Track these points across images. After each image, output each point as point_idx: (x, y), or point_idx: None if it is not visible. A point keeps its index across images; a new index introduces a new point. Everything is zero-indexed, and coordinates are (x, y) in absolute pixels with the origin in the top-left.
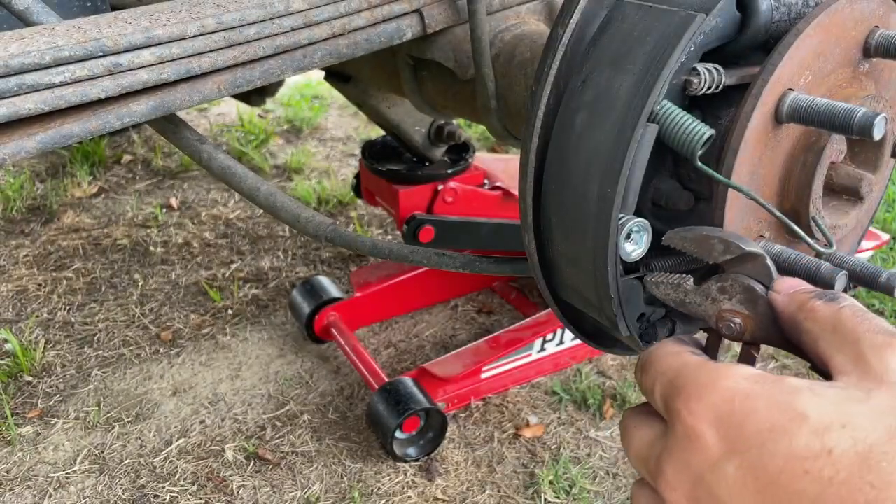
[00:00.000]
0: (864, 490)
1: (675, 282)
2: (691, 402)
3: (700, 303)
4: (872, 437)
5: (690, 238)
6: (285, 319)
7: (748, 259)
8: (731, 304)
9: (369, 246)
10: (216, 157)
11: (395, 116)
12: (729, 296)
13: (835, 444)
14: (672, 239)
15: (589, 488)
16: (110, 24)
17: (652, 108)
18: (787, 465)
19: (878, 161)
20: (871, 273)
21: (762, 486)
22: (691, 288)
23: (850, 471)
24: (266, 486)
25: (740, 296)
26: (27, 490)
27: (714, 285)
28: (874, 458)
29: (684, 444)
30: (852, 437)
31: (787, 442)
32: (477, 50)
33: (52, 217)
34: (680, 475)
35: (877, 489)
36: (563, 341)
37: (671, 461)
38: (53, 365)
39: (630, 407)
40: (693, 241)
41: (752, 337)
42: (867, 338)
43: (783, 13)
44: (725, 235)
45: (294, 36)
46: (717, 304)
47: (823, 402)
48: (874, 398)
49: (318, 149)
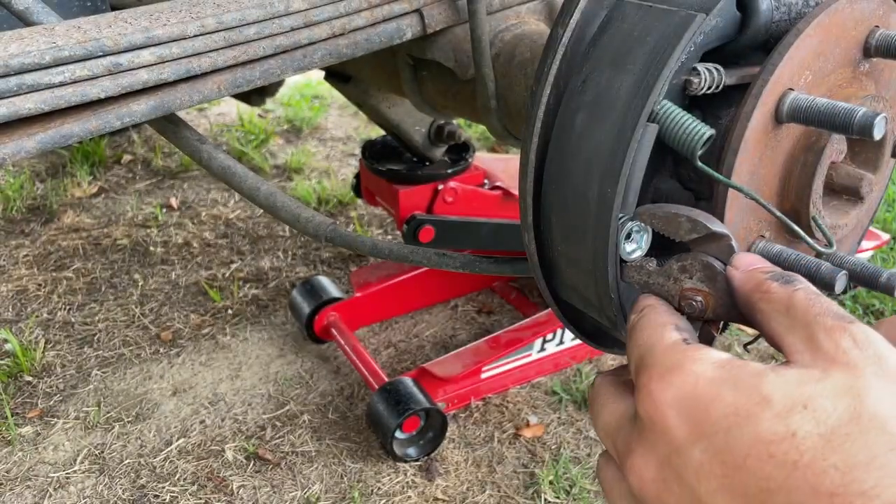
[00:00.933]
0: (829, 473)
1: (638, 264)
2: (654, 383)
3: (663, 283)
4: (833, 417)
5: (660, 215)
6: (285, 319)
7: (713, 238)
8: (692, 283)
9: (369, 246)
10: (216, 157)
11: (395, 116)
12: (689, 274)
13: (798, 427)
14: (642, 216)
15: (589, 488)
16: (110, 24)
17: (652, 108)
18: (752, 450)
19: (878, 161)
20: (871, 273)
21: (729, 470)
22: (654, 269)
23: (814, 454)
24: (266, 486)
25: (700, 273)
26: (27, 490)
27: (675, 264)
28: (837, 440)
29: (650, 427)
30: (814, 419)
31: (753, 426)
32: (477, 50)
33: (52, 217)
34: (648, 462)
35: (841, 471)
36: (564, 341)
37: (639, 443)
38: (53, 365)
39: (603, 372)
40: (661, 218)
41: (715, 314)
42: (819, 321)
43: (783, 13)
44: (694, 214)
45: (294, 36)
46: (679, 283)
47: (785, 384)
48: (831, 377)
49: (318, 149)
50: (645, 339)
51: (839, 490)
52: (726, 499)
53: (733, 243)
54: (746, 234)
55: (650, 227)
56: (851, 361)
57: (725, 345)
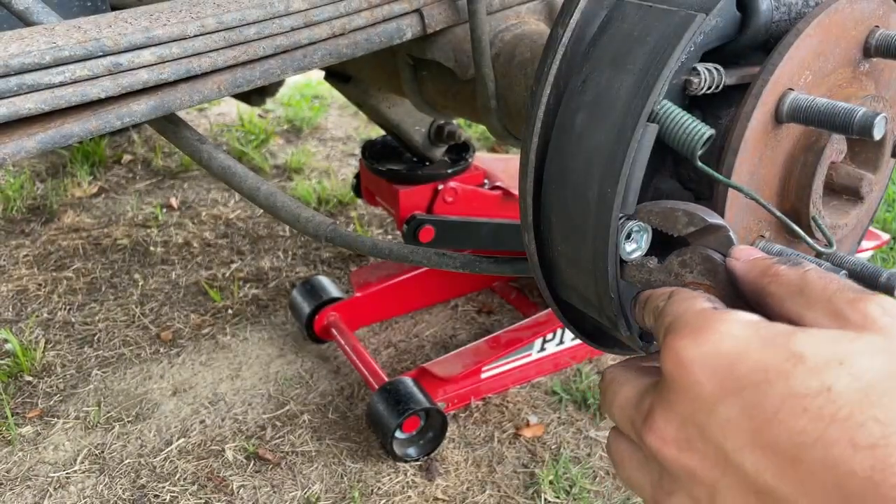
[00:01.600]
0: (868, 425)
1: (638, 262)
2: (679, 341)
3: (664, 280)
4: (870, 374)
5: (657, 212)
6: (285, 319)
7: (711, 231)
8: (692, 277)
9: (369, 246)
10: (216, 157)
11: (395, 116)
12: (690, 269)
13: (833, 381)
14: (640, 213)
15: (589, 488)
16: (110, 24)
17: (652, 108)
18: (784, 405)
19: (878, 161)
20: (871, 273)
21: (758, 424)
22: (655, 266)
23: (852, 408)
24: (266, 486)
25: (700, 267)
26: (27, 490)
27: (675, 260)
28: (875, 394)
29: (673, 387)
30: (850, 374)
31: (784, 382)
32: (477, 50)
33: (52, 217)
34: (670, 421)
35: (882, 423)
36: (564, 341)
37: (661, 407)
38: (53, 365)
39: (613, 364)
40: (659, 214)
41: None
42: (839, 295)
43: (783, 13)
44: (690, 208)
45: (294, 36)
46: (680, 278)
47: (819, 342)
48: (864, 338)
49: (318, 149)
50: (674, 309)
51: (880, 442)
52: (756, 454)
53: (731, 234)
54: (746, 233)
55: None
56: (885, 327)
57: None
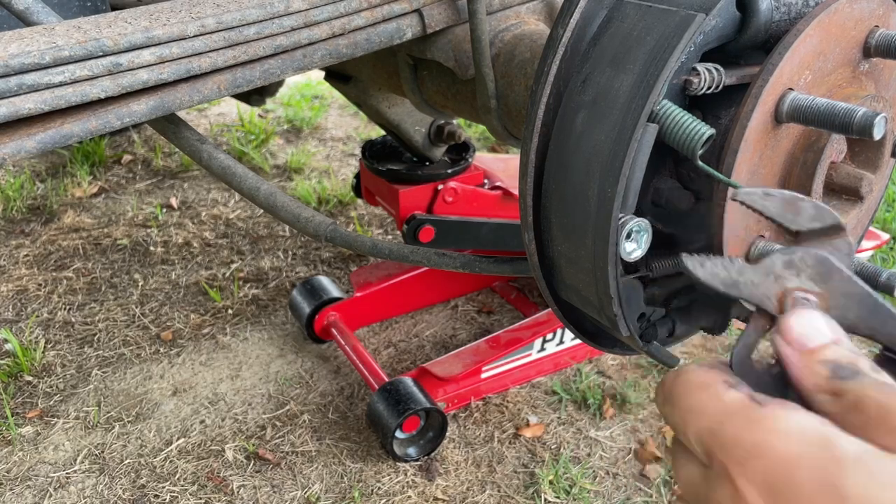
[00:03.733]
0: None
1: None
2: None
3: (759, 282)
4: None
5: (777, 196)
6: (285, 319)
7: (832, 233)
8: (799, 282)
9: (369, 246)
10: (216, 157)
11: (395, 116)
12: (797, 272)
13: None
14: (749, 196)
15: (589, 488)
16: (110, 24)
17: (652, 108)
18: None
19: (878, 161)
20: (871, 273)
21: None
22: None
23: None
24: (266, 486)
25: (811, 270)
26: (27, 490)
27: (779, 259)
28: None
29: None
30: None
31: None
32: (477, 50)
33: (52, 217)
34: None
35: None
36: (563, 341)
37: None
38: (53, 365)
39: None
40: (779, 199)
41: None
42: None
43: (783, 13)
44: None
45: (294, 36)
46: (781, 282)
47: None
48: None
49: (318, 149)
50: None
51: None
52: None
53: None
54: (746, 233)
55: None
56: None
57: (725, 345)
